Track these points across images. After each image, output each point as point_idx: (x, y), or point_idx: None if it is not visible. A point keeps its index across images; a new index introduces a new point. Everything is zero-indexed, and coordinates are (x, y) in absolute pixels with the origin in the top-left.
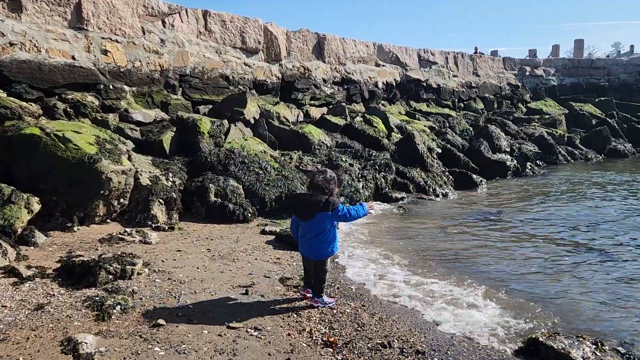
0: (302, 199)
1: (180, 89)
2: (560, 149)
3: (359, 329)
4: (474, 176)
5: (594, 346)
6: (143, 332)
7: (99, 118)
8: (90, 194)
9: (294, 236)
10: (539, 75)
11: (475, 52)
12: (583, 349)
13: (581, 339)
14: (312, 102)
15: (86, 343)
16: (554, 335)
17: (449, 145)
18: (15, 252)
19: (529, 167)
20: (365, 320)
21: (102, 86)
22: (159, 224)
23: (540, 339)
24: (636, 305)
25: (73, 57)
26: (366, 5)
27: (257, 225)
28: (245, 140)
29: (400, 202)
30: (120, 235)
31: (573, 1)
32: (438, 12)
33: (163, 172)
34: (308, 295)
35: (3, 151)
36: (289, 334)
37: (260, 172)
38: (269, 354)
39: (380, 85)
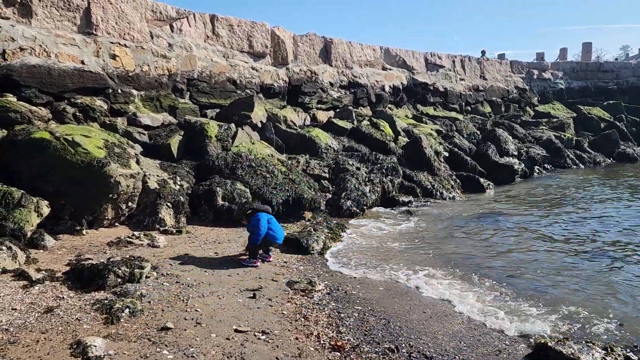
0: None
1: (188, 93)
2: (568, 153)
3: (366, 333)
4: (481, 180)
5: (603, 351)
6: (151, 335)
7: (108, 122)
8: (99, 197)
9: (263, 233)
10: (546, 79)
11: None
12: (593, 355)
13: (591, 344)
14: (319, 105)
15: (95, 346)
16: (563, 341)
17: (456, 149)
18: (25, 256)
19: (537, 171)
20: (372, 324)
21: (110, 90)
22: (166, 228)
23: (550, 344)
24: None
25: (82, 62)
26: (372, 8)
27: None
28: (253, 144)
29: (407, 206)
30: (129, 239)
31: (580, 4)
32: (444, 15)
33: (171, 176)
34: (271, 259)
35: (12, 155)
36: (296, 338)
37: (268, 175)
38: (277, 358)
39: (387, 88)
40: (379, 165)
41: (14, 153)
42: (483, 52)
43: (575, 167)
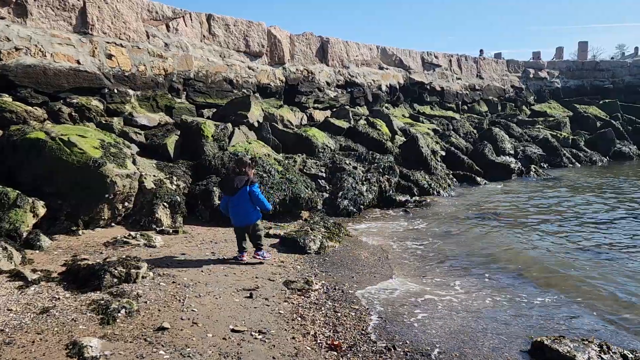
0: (231, 179)
1: (184, 92)
2: (564, 152)
3: (363, 332)
4: (478, 178)
5: (599, 349)
6: (148, 335)
7: (104, 122)
8: (95, 197)
9: (224, 212)
10: (543, 78)
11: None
12: (589, 353)
13: (587, 342)
14: (315, 105)
15: (91, 346)
16: (559, 339)
17: (452, 148)
18: (21, 256)
19: (533, 170)
20: (369, 323)
21: (106, 90)
22: (163, 228)
23: (546, 342)
24: None
25: (78, 62)
26: (369, 8)
27: None
28: (249, 143)
29: (404, 205)
30: (125, 239)
31: (577, 3)
32: (440, 15)
33: (167, 176)
34: (244, 258)
35: (8, 155)
36: (293, 338)
37: (265, 175)
38: (274, 358)
39: (383, 88)
40: (376, 164)
41: (12, 154)
42: (481, 52)
43: (571, 165)
